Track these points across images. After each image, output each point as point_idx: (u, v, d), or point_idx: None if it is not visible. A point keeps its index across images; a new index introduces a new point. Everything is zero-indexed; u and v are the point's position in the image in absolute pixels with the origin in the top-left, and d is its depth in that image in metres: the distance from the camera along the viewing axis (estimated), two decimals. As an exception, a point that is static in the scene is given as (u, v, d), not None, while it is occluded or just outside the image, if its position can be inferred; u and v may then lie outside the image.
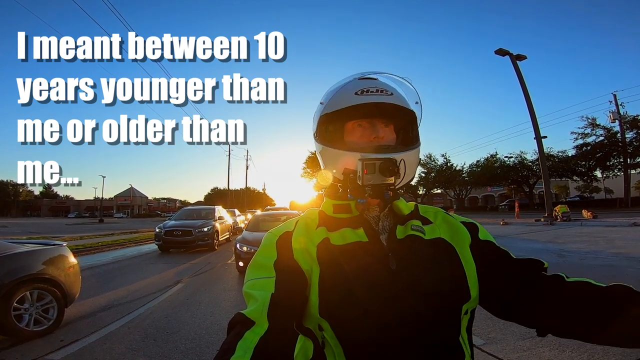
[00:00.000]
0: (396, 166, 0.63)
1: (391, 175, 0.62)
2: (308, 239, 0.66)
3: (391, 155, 0.64)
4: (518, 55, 19.09)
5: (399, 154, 0.65)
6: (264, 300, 0.56)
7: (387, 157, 0.63)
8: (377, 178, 0.62)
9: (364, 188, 0.64)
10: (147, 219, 51.56)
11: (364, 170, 0.62)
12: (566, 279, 0.63)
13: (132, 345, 3.24)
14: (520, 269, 0.66)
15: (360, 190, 0.65)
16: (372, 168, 0.62)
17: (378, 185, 0.63)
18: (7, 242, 3.83)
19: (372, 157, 0.63)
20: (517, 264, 0.67)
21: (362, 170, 0.62)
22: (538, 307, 0.62)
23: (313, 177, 38.19)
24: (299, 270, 0.62)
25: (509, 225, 16.27)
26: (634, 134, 29.87)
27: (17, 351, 3.14)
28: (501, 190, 51.35)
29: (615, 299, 0.56)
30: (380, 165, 0.62)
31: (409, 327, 0.58)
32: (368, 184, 0.63)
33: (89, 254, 10.42)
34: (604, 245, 8.25)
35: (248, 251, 6.29)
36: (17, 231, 20.93)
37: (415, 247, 0.65)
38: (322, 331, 0.61)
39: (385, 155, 0.63)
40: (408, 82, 0.72)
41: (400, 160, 0.64)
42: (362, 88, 0.67)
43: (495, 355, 2.74)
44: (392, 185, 0.64)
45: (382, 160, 0.62)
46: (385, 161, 0.62)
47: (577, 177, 35.64)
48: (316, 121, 0.75)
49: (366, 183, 0.62)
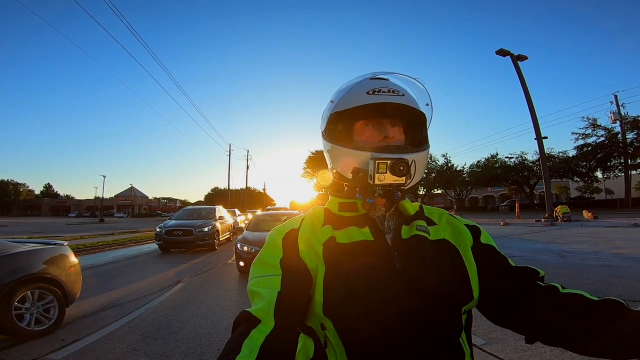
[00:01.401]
0: (408, 166, 0.63)
1: (402, 175, 0.62)
2: (314, 237, 0.66)
3: (402, 155, 0.64)
4: (519, 56, 19.07)
5: (409, 155, 0.65)
6: (271, 298, 0.56)
7: (399, 157, 0.62)
8: (388, 178, 0.62)
9: (373, 187, 0.64)
10: (148, 219, 51.58)
11: (376, 169, 0.62)
12: (561, 289, 0.63)
13: (132, 344, 3.25)
14: (517, 277, 0.67)
15: (370, 189, 0.65)
16: (384, 168, 0.62)
17: (388, 185, 0.63)
18: (8, 242, 3.83)
19: (384, 157, 0.63)
20: (515, 271, 0.67)
21: (374, 170, 0.62)
22: (529, 315, 0.63)
23: (313, 177, 38.18)
24: (305, 268, 0.62)
25: (509, 226, 16.25)
26: (634, 134, 29.80)
27: (18, 351, 3.14)
28: (502, 191, 51.31)
29: (605, 313, 0.57)
30: (392, 165, 0.61)
31: (412, 327, 0.58)
32: (379, 184, 0.63)
33: (89, 254, 10.42)
34: (604, 246, 8.24)
35: (248, 251, 6.29)
36: (18, 230, 20.93)
37: (420, 247, 0.66)
38: (325, 330, 0.61)
39: (396, 156, 0.63)
40: (420, 83, 0.72)
41: (412, 161, 0.64)
42: (373, 88, 0.67)
43: (496, 355, 2.73)
44: (403, 185, 0.65)
45: (394, 160, 0.62)
46: (397, 161, 0.62)
47: (577, 178, 35.58)
48: (325, 119, 0.74)
49: (377, 183, 0.62)
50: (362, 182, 0.65)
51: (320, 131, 0.79)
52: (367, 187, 0.65)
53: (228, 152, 40.11)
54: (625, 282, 4.82)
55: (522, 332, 0.64)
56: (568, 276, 5.35)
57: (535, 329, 0.62)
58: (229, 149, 40.16)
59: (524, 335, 0.64)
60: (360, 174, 0.65)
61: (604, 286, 4.66)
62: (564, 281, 4.91)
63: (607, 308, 0.58)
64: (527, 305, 0.63)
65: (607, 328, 0.55)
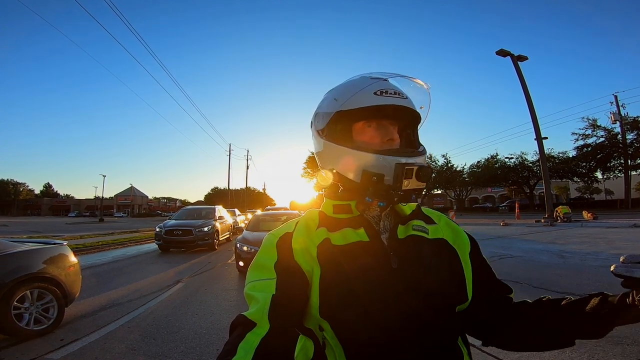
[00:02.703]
0: (431, 172, 0.64)
1: (426, 180, 0.63)
2: (308, 239, 0.66)
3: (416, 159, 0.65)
4: (519, 56, 19.04)
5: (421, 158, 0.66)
6: (265, 301, 0.56)
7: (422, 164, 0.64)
8: (414, 183, 0.63)
9: (388, 191, 0.63)
10: (148, 219, 51.55)
11: (403, 175, 0.62)
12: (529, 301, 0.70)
13: (132, 344, 3.24)
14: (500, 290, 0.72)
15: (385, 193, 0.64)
16: (410, 173, 0.62)
17: (412, 190, 0.64)
18: (8, 241, 3.83)
19: (410, 162, 0.63)
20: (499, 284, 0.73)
21: (402, 175, 0.62)
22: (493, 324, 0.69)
23: (313, 177, 38.09)
24: (300, 271, 0.62)
25: (509, 226, 16.24)
26: (634, 135, 29.84)
27: (17, 350, 3.14)
28: (501, 191, 51.33)
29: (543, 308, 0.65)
30: (418, 171, 0.62)
31: (410, 327, 0.58)
32: (405, 189, 0.63)
33: (89, 253, 10.41)
34: (604, 247, 8.24)
35: (248, 251, 6.29)
36: (18, 230, 20.93)
37: (417, 247, 0.66)
38: (323, 331, 0.61)
39: (415, 160, 0.64)
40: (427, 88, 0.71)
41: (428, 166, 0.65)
42: (380, 89, 0.66)
43: (495, 356, 2.73)
44: (423, 189, 0.66)
45: (418, 166, 0.63)
46: (421, 167, 0.63)
47: (577, 178, 35.60)
48: (327, 117, 0.71)
49: (404, 188, 0.62)
50: (376, 186, 0.64)
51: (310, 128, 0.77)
52: (381, 190, 0.64)
53: (228, 152, 40.14)
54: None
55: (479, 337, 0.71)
56: (568, 276, 5.34)
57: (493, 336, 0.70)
58: (229, 149, 40.19)
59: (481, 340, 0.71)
60: (374, 178, 0.63)
61: (603, 286, 4.61)
62: (564, 281, 4.88)
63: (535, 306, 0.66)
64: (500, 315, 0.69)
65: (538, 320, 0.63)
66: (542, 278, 5.24)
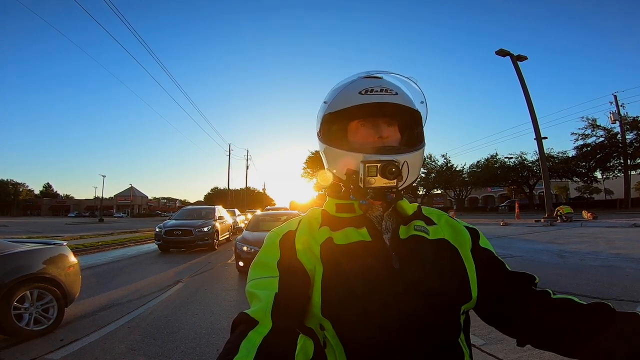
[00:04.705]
0: (398, 169, 0.62)
1: (393, 177, 0.62)
2: (311, 238, 0.66)
3: (394, 156, 0.63)
4: (519, 56, 19.05)
5: (401, 156, 0.64)
6: (268, 300, 0.56)
7: (388, 160, 0.62)
8: (379, 181, 0.62)
9: (365, 189, 0.64)
10: (147, 219, 51.54)
11: (366, 173, 0.62)
12: (552, 295, 0.64)
13: (132, 344, 3.24)
14: (513, 281, 0.67)
15: (363, 191, 0.65)
16: (374, 171, 0.61)
17: (380, 188, 0.63)
18: (7, 242, 3.82)
19: (373, 160, 0.62)
20: (510, 276, 0.68)
21: (365, 173, 0.62)
22: (522, 320, 0.63)
23: (313, 177, 38.15)
24: (302, 269, 0.62)
25: (509, 226, 16.26)
26: (634, 135, 29.84)
27: (17, 350, 3.13)
28: (501, 191, 51.31)
29: (594, 317, 0.58)
30: (382, 168, 0.61)
31: (411, 327, 0.58)
32: (371, 187, 0.63)
33: (89, 254, 10.40)
34: (604, 246, 8.25)
35: (248, 251, 6.29)
36: (17, 230, 20.90)
37: (419, 247, 0.65)
38: (324, 331, 0.61)
39: (387, 157, 0.63)
40: (413, 81, 0.72)
41: (404, 163, 0.63)
42: (366, 87, 0.66)
43: (495, 356, 2.73)
44: (395, 187, 0.64)
45: (384, 164, 0.61)
46: (386, 164, 0.61)
47: (577, 178, 35.62)
48: (319, 120, 0.74)
49: (367, 186, 0.62)
50: (356, 184, 0.65)
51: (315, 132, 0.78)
52: (359, 189, 0.65)
53: (228, 152, 40.15)
54: (624, 283, 4.81)
55: (514, 336, 0.65)
56: (567, 276, 5.34)
57: (527, 333, 0.63)
58: (229, 149, 40.21)
59: (516, 338, 0.65)
60: (354, 176, 0.65)
61: (603, 286, 4.65)
62: (564, 281, 4.88)
63: (596, 311, 0.58)
64: (520, 310, 0.64)
65: (596, 331, 0.56)
66: (542, 278, 5.13)
